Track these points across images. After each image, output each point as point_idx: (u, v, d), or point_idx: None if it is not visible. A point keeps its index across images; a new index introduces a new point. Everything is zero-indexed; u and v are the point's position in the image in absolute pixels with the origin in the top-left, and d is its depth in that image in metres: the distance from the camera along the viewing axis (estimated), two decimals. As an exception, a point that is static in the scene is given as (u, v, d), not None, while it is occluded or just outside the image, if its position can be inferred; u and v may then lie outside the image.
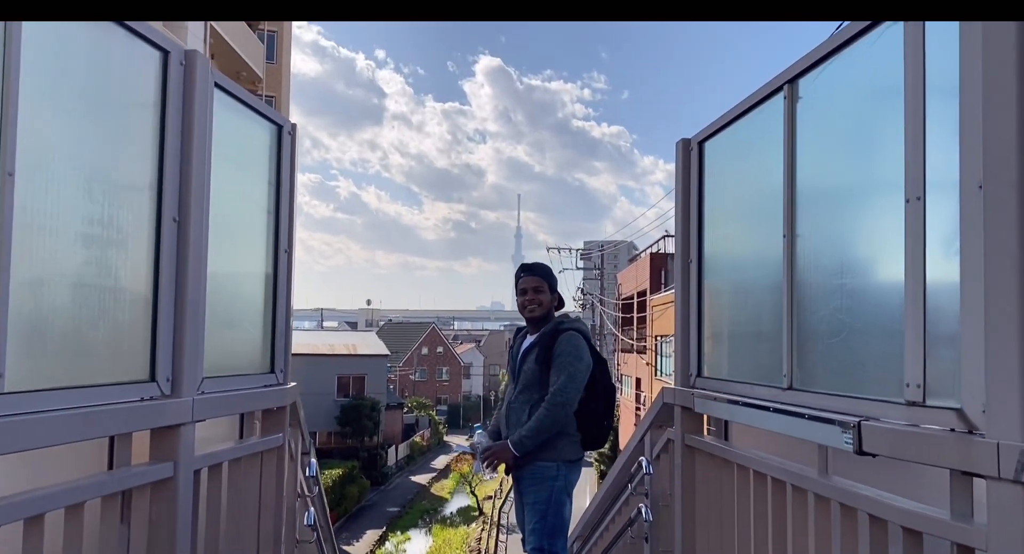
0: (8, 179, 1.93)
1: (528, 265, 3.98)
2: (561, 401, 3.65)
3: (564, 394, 3.66)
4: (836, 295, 2.46)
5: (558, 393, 3.65)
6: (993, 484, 1.75)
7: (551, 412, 3.65)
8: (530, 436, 3.65)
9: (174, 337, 2.62)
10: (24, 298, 2.01)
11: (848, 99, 2.52)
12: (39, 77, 2.06)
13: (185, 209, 2.67)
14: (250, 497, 3.27)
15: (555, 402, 3.65)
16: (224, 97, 2.98)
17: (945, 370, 1.96)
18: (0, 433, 1.87)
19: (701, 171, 3.62)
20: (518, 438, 3.67)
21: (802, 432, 2.49)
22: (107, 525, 2.39)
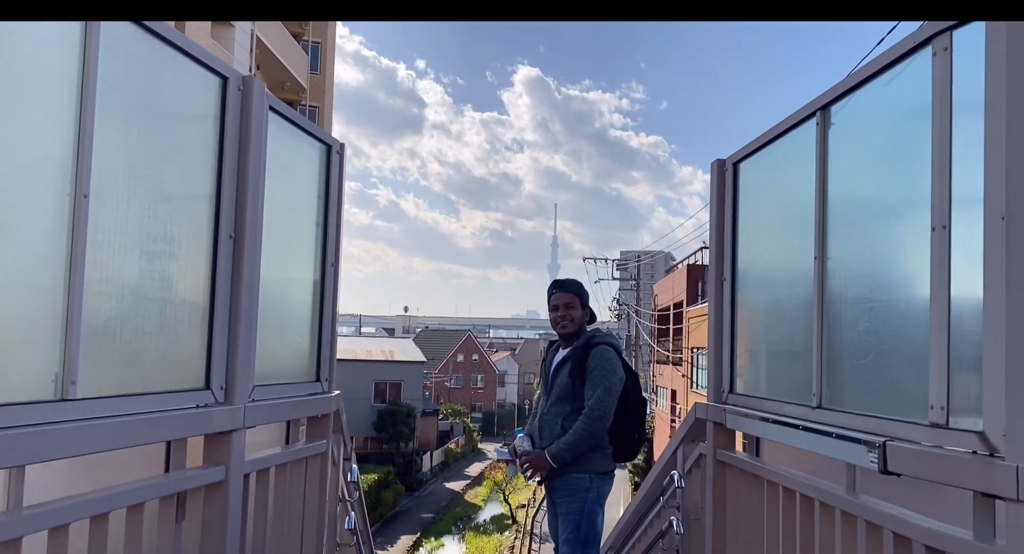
0: (84, 200, 2.08)
1: (560, 281, 4.08)
2: (598, 415, 3.75)
3: (601, 408, 3.75)
4: (864, 317, 2.53)
5: (595, 407, 3.75)
6: (1012, 506, 1.82)
7: (589, 425, 3.74)
8: (568, 449, 3.74)
9: (228, 348, 2.77)
10: (94, 311, 2.16)
11: (879, 127, 2.59)
12: (109, 104, 2.21)
13: (240, 226, 2.82)
14: (295, 501, 3.40)
15: (592, 416, 3.75)
16: (278, 119, 3.13)
17: (968, 394, 2.02)
18: (73, 436, 2.02)
19: (735, 191, 3.69)
20: (556, 450, 3.76)
21: (829, 450, 2.55)
22: (164, 524, 2.54)
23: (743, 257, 3.63)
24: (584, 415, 3.76)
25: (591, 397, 3.78)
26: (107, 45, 2.18)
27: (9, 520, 1.88)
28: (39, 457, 1.96)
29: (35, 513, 1.95)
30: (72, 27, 2.09)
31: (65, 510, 2.04)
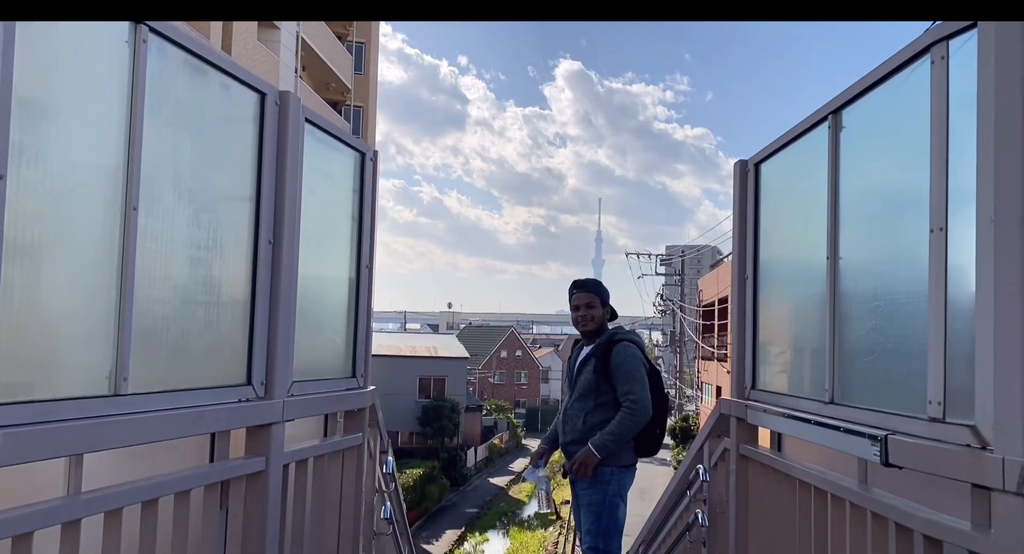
0: (133, 212, 2.27)
1: (579, 282, 4.21)
2: (641, 407, 3.88)
3: (643, 400, 3.89)
4: (872, 316, 2.62)
5: (636, 400, 3.88)
6: (998, 496, 1.91)
7: (633, 415, 3.87)
8: (612, 439, 3.87)
9: (268, 346, 2.95)
10: (144, 313, 2.35)
11: (886, 131, 2.67)
12: (156, 122, 2.40)
13: (279, 232, 3.01)
14: (332, 491, 3.59)
15: (634, 409, 3.88)
16: (314, 130, 3.31)
17: (963, 389, 2.11)
18: (126, 428, 2.21)
19: (757, 191, 3.78)
20: (600, 441, 3.89)
21: (838, 444, 2.65)
22: (208, 511, 2.73)
23: (764, 256, 3.72)
24: (625, 407, 3.89)
25: (628, 392, 3.90)
26: (154, 64, 2.36)
27: (69, 504, 2.08)
28: (94, 447, 2.15)
29: (92, 497, 2.15)
30: (122, 46, 2.28)
31: (119, 495, 2.23)
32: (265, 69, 24.34)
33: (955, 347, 2.15)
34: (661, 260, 48.49)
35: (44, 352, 2.06)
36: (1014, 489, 1.85)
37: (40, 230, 2.00)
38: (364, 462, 3.88)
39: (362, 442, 3.82)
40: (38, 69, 1.98)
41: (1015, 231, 1.89)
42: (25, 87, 1.90)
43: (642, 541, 5.68)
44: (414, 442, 41.15)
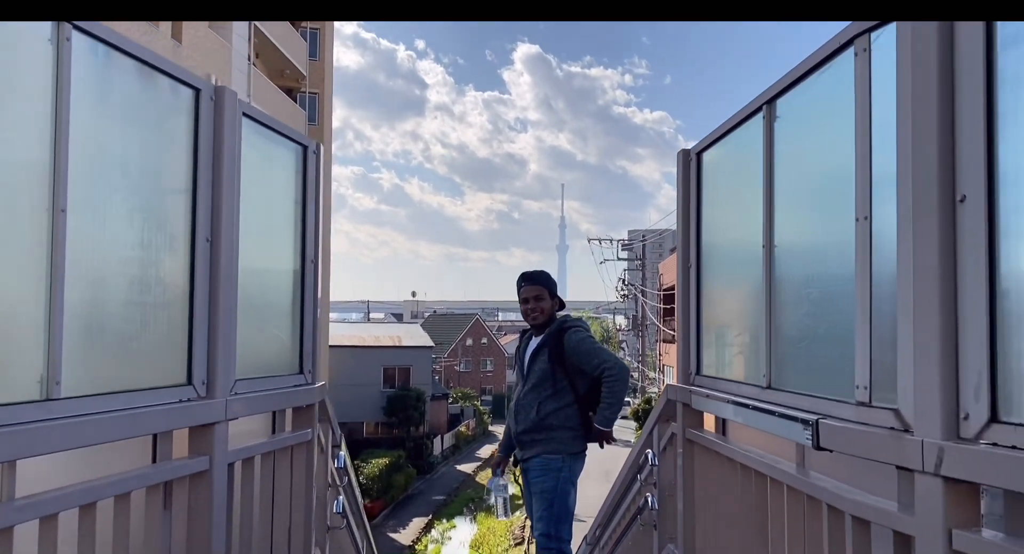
0: (61, 214, 2.23)
1: (528, 274, 4.23)
2: (618, 370, 3.96)
3: (615, 364, 3.97)
4: (804, 303, 2.67)
5: (612, 365, 3.97)
6: (920, 477, 1.97)
7: (618, 380, 3.95)
8: (611, 408, 3.94)
9: (208, 345, 2.93)
10: (76, 316, 2.32)
11: (816, 121, 2.72)
12: (83, 122, 2.35)
13: (217, 229, 2.98)
14: (282, 487, 3.58)
15: (613, 374, 3.95)
16: (252, 124, 3.28)
17: (888, 374, 2.16)
18: (58, 433, 2.19)
19: (699, 180, 3.83)
20: (602, 417, 3.97)
21: (774, 428, 2.71)
22: (151, 512, 2.71)
23: (707, 244, 3.77)
24: (608, 376, 3.95)
25: (600, 362, 3.95)
26: (79, 62, 2.32)
27: (0, 510, 2.05)
28: (25, 453, 2.12)
29: (25, 504, 2.12)
30: (45, 45, 2.23)
31: (54, 500, 2.21)
32: (217, 57, 23.92)
33: (880, 332, 2.21)
34: (623, 245, 48.78)
35: (-31, 359, 2.02)
36: (932, 470, 1.91)
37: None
38: (314, 458, 3.87)
39: (311, 438, 3.81)
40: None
41: (932, 221, 1.94)
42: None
43: (598, 525, 5.75)
44: (380, 432, 41.05)
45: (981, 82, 1.84)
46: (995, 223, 1.82)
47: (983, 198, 1.83)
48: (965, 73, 1.89)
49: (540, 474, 3.92)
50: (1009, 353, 1.79)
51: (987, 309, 1.82)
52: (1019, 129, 1.78)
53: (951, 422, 1.90)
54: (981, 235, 1.84)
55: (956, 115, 1.91)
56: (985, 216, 1.83)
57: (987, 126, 1.83)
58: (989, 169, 1.83)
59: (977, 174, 1.85)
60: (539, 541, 3.89)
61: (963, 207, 1.89)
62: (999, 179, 1.82)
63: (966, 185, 1.88)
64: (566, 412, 3.97)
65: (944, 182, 1.92)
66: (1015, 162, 1.80)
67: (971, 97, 1.87)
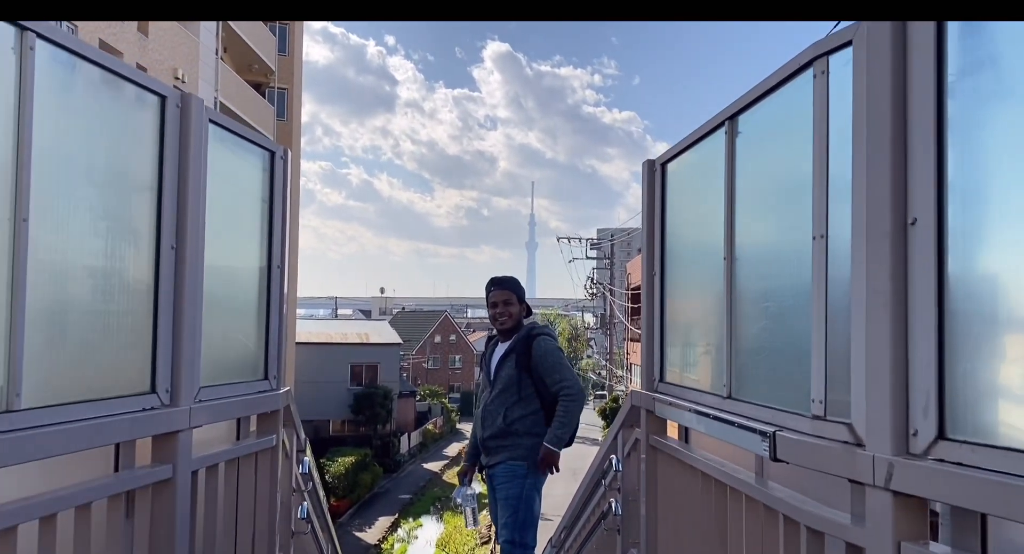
0: (23, 224, 2.22)
1: (497, 280, 4.27)
2: (577, 389, 4.01)
3: (575, 386, 4.01)
4: (762, 316, 2.73)
5: (571, 387, 4.00)
6: (871, 491, 2.03)
7: (574, 401, 3.99)
8: (563, 428, 3.97)
9: (172, 353, 2.92)
10: (38, 326, 2.31)
11: (776, 138, 2.78)
12: (45, 129, 2.34)
13: (182, 237, 2.97)
14: (246, 493, 3.57)
15: (572, 394, 3.99)
16: (219, 131, 3.27)
17: (842, 388, 2.22)
18: (18, 445, 2.17)
19: (664, 190, 3.88)
20: (553, 436, 3.99)
21: (734, 438, 2.76)
22: (113, 522, 2.69)
23: (671, 253, 3.82)
24: (565, 396, 3.99)
25: (560, 380, 3.99)
26: (43, 71, 2.31)
27: (-42, 524, 2.04)
28: (-13, 465, 2.11)
29: (-17, 517, 2.11)
30: (8, 54, 2.21)
31: (12, 513, 2.19)
32: (184, 51, 23.63)
33: (835, 348, 2.27)
34: (592, 244, 48.99)
35: (-72, 371, 2.01)
36: (883, 485, 1.97)
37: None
38: (279, 463, 3.86)
39: (276, 444, 3.81)
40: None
41: (885, 243, 1.99)
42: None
43: (563, 528, 5.80)
44: (346, 430, 40.87)
45: (932, 111, 1.90)
46: (944, 246, 1.89)
47: (933, 221, 1.90)
48: (917, 101, 1.95)
49: (505, 480, 3.96)
50: (956, 373, 1.86)
51: (936, 330, 1.88)
52: (967, 157, 1.85)
53: (901, 438, 1.96)
54: (931, 258, 1.90)
55: (908, 141, 1.97)
56: (935, 239, 1.89)
57: (937, 153, 1.89)
58: (939, 194, 1.90)
59: (927, 198, 1.91)
60: (503, 547, 3.92)
61: (914, 230, 1.95)
62: (948, 204, 1.89)
63: (917, 209, 1.94)
64: (532, 419, 4.01)
65: (896, 205, 1.98)
66: (963, 187, 1.86)
67: (922, 124, 1.93)
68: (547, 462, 4.01)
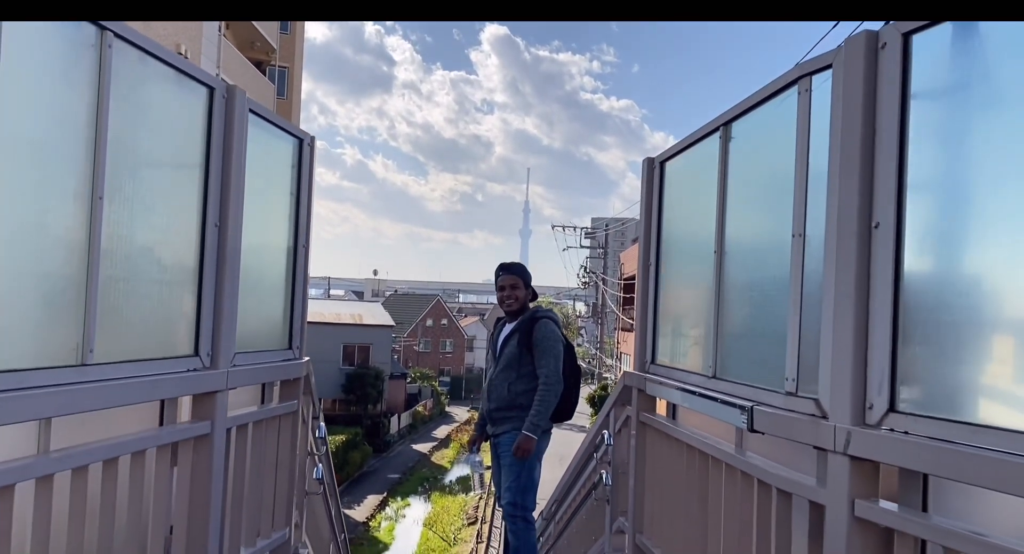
0: (99, 202, 2.52)
1: (506, 265, 4.58)
2: (555, 380, 4.30)
3: (554, 375, 4.30)
4: (746, 304, 3.06)
5: (549, 376, 4.29)
6: (832, 456, 2.35)
7: (549, 390, 4.28)
8: (539, 416, 4.26)
9: (213, 320, 3.23)
10: (107, 290, 2.61)
11: (765, 145, 3.09)
12: (118, 119, 2.64)
13: (224, 215, 3.27)
14: (269, 453, 3.90)
15: (549, 383, 4.29)
16: (257, 119, 3.56)
17: (812, 369, 2.55)
18: (92, 394, 2.49)
19: (662, 186, 4.20)
20: (530, 424, 4.28)
21: (716, 413, 3.09)
22: (161, 470, 3.02)
23: (666, 245, 4.14)
24: (542, 385, 4.29)
25: (544, 367, 4.30)
26: (116, 68, 2.60)
27: (42, 461, 2.36)
28: (64, 411, 2.42)
29: (61, 456, 2.43)
30: (88, 50, 2.51)
31: (84, 454, 2.51)
32: (188, 27, 23.75)
33: (808, 333, 2.59)
34: (586, 233, 49.29)
35: (19, 326, 2.31)
36: (842, 450, 2.30)
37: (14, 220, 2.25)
38: (299, 427, 4.19)
39: (297, 409, 4.13)
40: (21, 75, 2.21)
41: (852, 243, 2.31)
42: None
43: (555, 500, 6.15)
44: (337, 409, 41.20)
45: (896, 129, 2.22)
46: (901, 247, 2.21)
47: (892, 226, 2.22)
48: (884, 121, 2.26)
49: (509, 447, 4.28)
50: (906, 356, 2.19)
51: (891, 319, 2.21)
52: (923, 170, 2.17)
53: (859, 410, 2.29)
54: (889, 257, 2.22)
55: (875, 154, 2.29)
56: (894, 241, 2.22)
57: (899, 165, 2.21)
58: (899, 201, 2.22)
59: (889, 205, 2.23)
60: (506, 509, 4.26)
61: (877, 232, 2.27)
62: (907, 210, 2.21)
63: (880, 214, 2.26)
64: (534, 393, 4.32)
65: (863, 210, 2.30)
66: (920, 197, 2.18)
67: (887, 141, 2.24)
68: (523, 448, 4.25)
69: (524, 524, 4.19)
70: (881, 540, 2.26)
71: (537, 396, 4.28)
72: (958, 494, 2.27)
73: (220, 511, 3.30)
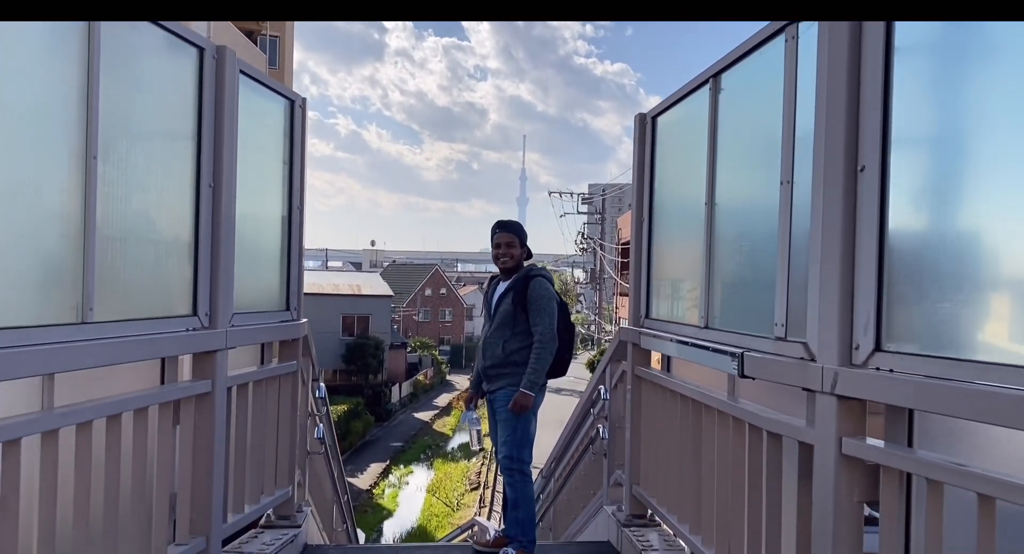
0: (93, 161, 2.54)
1: (502, 223, 4.60)
2: (549, 338, 4.34)
3: (549, 333, 4.34)
4: (737, 254, 3.09)
5: (544, 334, 4.33)
6: (819, 396, 2.41)
7: (545, 348, 4.32)
8: (535, 373, 4.31)
9: (211, 280, 3.26)
10: (104, 250, 2.64)
11: (754, 95, 3.11)
12: (108, 82, 2.65)
13: (218, 176, 3.29)
14: (270, 412, 3.96)
15: (544, 340, 4.32)
16: (247, 80, 3.57)
17: (800, 314, 2.59)
18: (93, 351, 2.53)
19: (654, 141, 4.21)
20: (527, 381, 4.33)
21: (708, 361, 3.14)
22: (163, 427, 3.07)
23: (659, 199, 4.17)
24: (537, 342, 4.33)
25: (539, 325, 4.34)
26: (106, 30, 2.60)
27: (47, 416, 2.40)
28: (67, 367, 2.46)
29: (66, 411, 2.47)
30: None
31: (88, 410, 2.56)
32: (178, -2, 23.49)
33: (796, 280, 2.63)
34: (583, 199, 49.21)
35: (19, 285, 2.34)
36: (829, 390, 2.35)
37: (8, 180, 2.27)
38: (298, 387, 4.25)
39: (296, 369, 4.18)
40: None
41: (838, 187, 2.34)
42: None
43: (553, 458, 6.24)
44: (338, 379, 41.40)
45: (880, 75, 2.24)
46: (886, 191, 2.24)
47: (878, 169, 2.25)
48: (869, 67, 2.28)
49: (505, 403, 4.34)
50: (892, 296, 2.23)
51: (876, 261, 2.24)
52: (907, 114, 2.19)
53: (846, 351, 2.34)
54: (875, 200, 2.25)
55: (860, 99, 2.31)
56: (879, 184, 2.24)
57: (883, 110, 2.24)
58: (884, 145, 2.24)
59: (874, 148, 2.25)
60: (503, 463, 4.33)
61: (863, 176, 2.30)
62: (891, 154, 2.24)
63: (865, 157, 2.29)
64: (528, 351, 4.37)
65: (849, 154, 2.33)
66: (904, 140, 2.21)
67: (872, 86, 2.26)
68: (520, 405, 4.31)
69: (521, 477, 4.26)
70: (868, 476, 2.32)
71: (533, 354, 4.32)
72: (942, 433, 2.32)
73: (223, 468, 3.36)
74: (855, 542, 2.34)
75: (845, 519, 2.32)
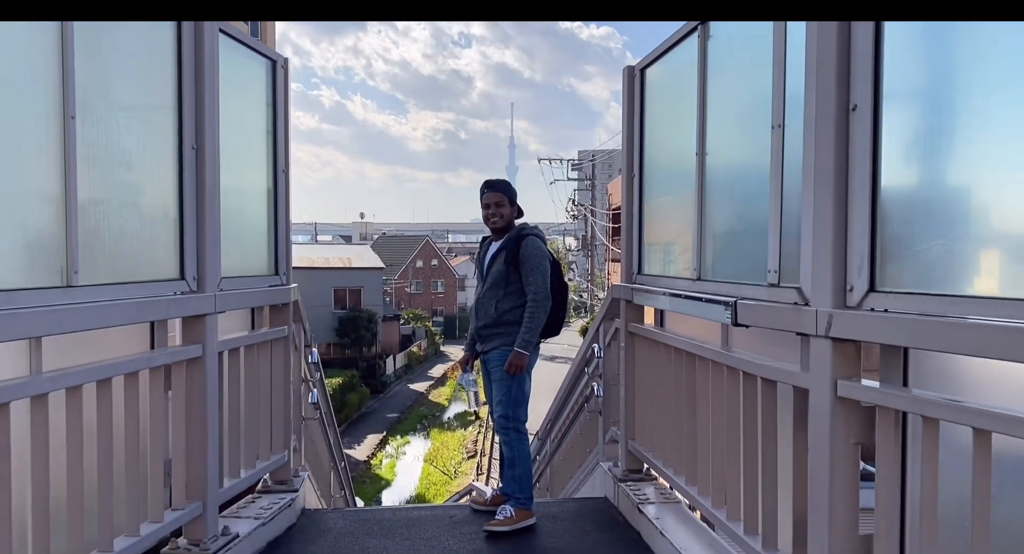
0: (71, 121, 2.49)
1: (490, 182, 4.55)
2: (542, 297, 4.32)
3: (542, 291, 4.32)
4: (729, 203, 3.06)
5: (539, 291, 4.30)
6: (814, 340, 2.39)
7: (538, 306, 4.30)
8: (530, 332, 4.30)
9: (197, 244, 3.22)
10: (86, 210, 2.60)
11: (743, 41, 3.06)
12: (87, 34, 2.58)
13: (201, 138, 3.23)
14: (263, 378, 3.94)
15: (538, 299, 4.31)
16: (227, 40, 3.49)
17: (793, 260, 2.57)
18: (79, 315, 2.49)
19: (643, 95, 4.16)
20: (522, 341, 4.31)
21: (701, 312, 3.13)
22: (156, 393, 3.05)
23: (649, 154, 4.13)
24: (530, 301, 4.31)
25: (532, 284, 4.31)
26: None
27: (35, 381, 2.37)
28: (52, 331, 2.42)
29: (55, 375, 2.44)
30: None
31: (78, 374, 2.53)
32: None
33: (788, 226, 2.61)
34: (573, 165, 48.99)
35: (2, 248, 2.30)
36: (824, 333, 2.33)
37: (-10, 138, 2.22)
38: (290, 353, 4.22)
39: (287, 334, 4.16)
40: None
41: (830, 126, 2.31)
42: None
43: (549, 420, 6.26)
44: (332, 353, 41.45)
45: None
46: (879, 130, 2.21)
47: (870, 108, 2.21)
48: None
49: (499, 364, 4.33)
50: (885, 237, 2.20)
51: (869, 201, 2.22)
52: (898, 53, 2.15)
53: (839, 294, 2.32)
54: (867, 140, 2.22)
55: (851, 39, 2.27)
56: (871, 123, 2.21)
57: (875, 49, 2.20)
58: (876, 83, 2.21)
59: (866, 87, 2.22)
60: (498, 422, 4.33)
61: (855, 115, 2.27)
62: (883, 93, 2.20)
63: (857, 96, 2.25)
64: (520, 310, 4.35)
65: (840, 93, 2.29)
66: (897, 79, 2.17)
67: (864, 25, 2.22)
68: (515, 364, 4.30)
69: (517, 435, 4.26)
70: (864, 418, 2.31)
71: (526, 313, 4.30)
72: (933, 372, 2.32)
73: (217, 434, 3.35)
74: (851, 485, 2.34)
75: (841, 461, 2.32)
